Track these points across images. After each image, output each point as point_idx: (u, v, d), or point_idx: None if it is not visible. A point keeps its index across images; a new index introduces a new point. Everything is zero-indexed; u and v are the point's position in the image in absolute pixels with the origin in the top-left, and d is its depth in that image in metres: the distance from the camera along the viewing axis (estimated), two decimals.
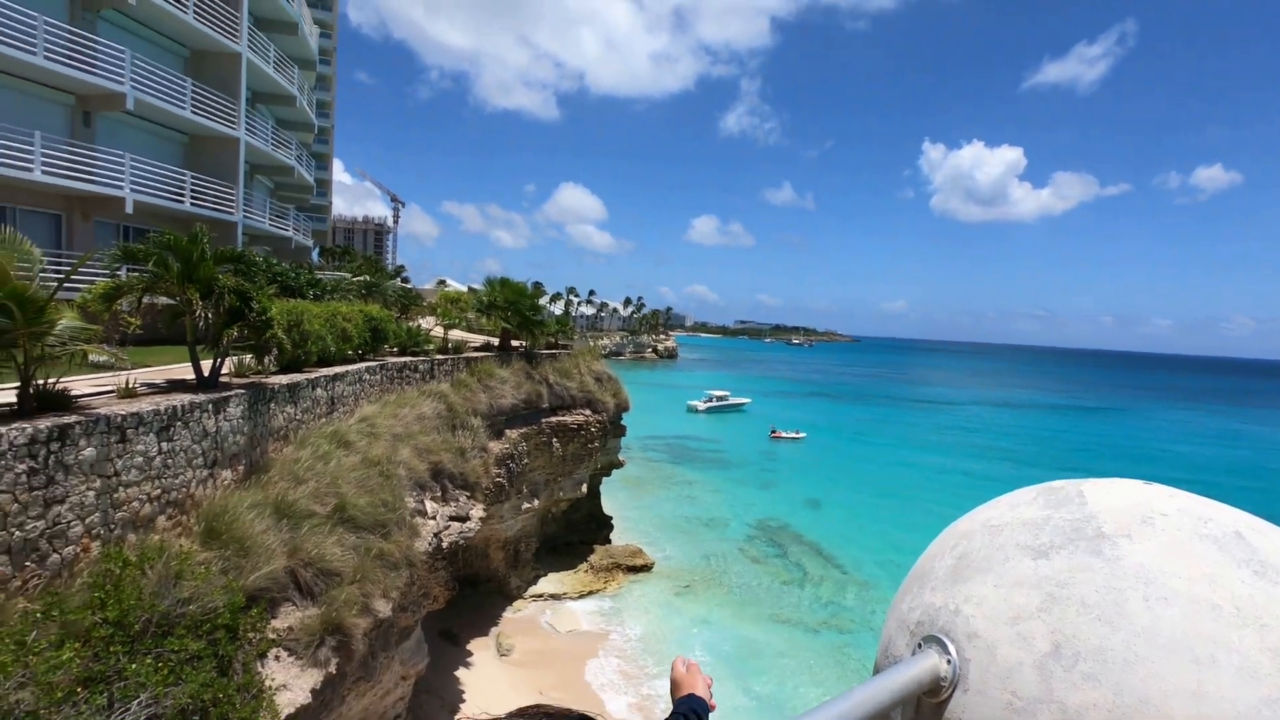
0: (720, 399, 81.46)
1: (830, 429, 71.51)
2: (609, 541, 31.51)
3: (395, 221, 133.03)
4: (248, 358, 12.67)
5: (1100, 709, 0.66)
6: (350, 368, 16.35)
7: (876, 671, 1.20)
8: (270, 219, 30.22)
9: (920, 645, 1.08)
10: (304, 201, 41.26)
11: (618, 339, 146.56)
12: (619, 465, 34.05)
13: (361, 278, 31.72)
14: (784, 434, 64.22)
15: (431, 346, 22.38)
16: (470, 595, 23.71)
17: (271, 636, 9.25)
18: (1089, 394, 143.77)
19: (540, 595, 26.06)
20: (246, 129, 26.34)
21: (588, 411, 28.11)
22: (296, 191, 37.73)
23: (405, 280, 63.78)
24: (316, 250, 51.73)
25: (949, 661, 1.02)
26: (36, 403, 7.84)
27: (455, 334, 27.17)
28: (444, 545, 15.82)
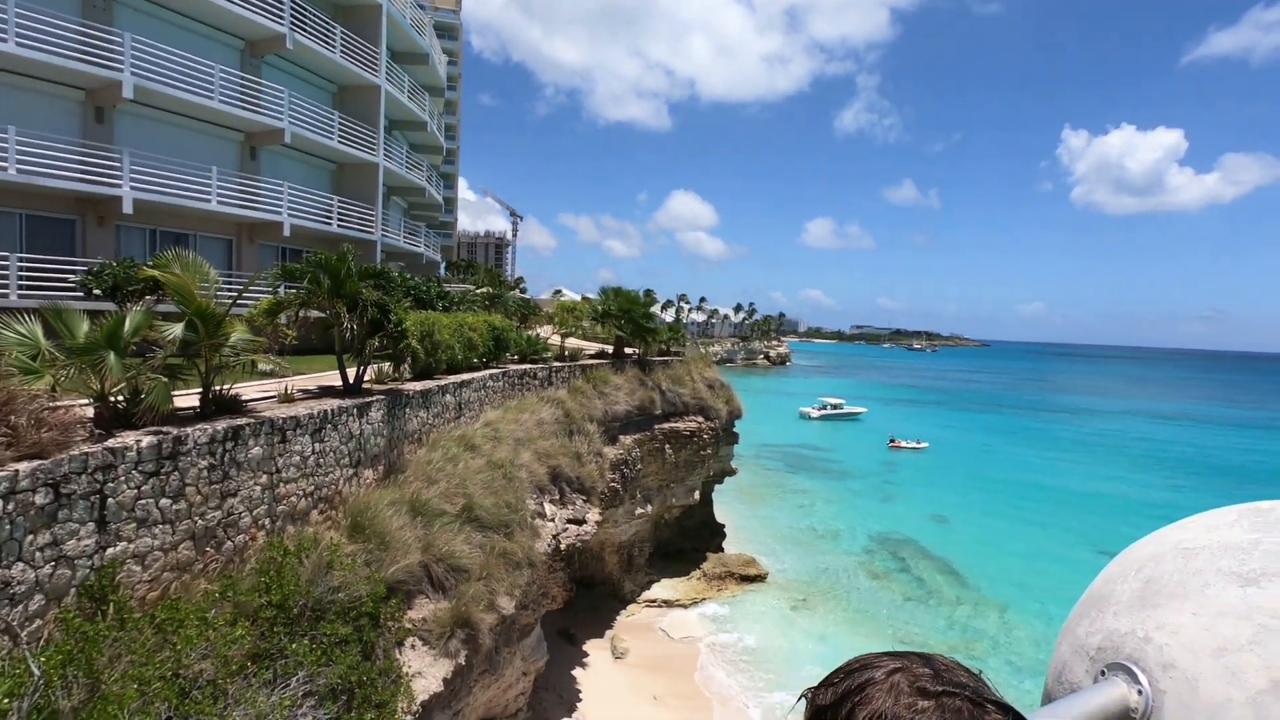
0: (835, 407, 78.85)
1: (956, 440, 67.36)
2: (721, 550, 31.27)
3: (514, 235, 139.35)
4: (386, 366, 13.68)
5: None
6: (475, 375, 17.24)
7: (1047, 698, 1.12)
8: (404, 236, 32.54)
9: (1104, 673, 1.00)
10: (433, 219, 44.12)
11: (729, 345, 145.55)
12: (731, 473, 33.75)
13: (484, 289, 33.48)
14: (904, 444, 61.20)
15: (549, 354, 23.16)
16: (586, 597, 24.27)
17: (408, 626, 9.91)
18: (1276, 405, 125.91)
19: (654, 600, 26.25)
20: (384, 154, 28.55)
21: (700, 418, 28.09)
22: (427, 210, 40.42)
23: (524, 291, 66.64)
24: (443, 264, 55.14)
25: (1140, 692, 0.94)
26: (214, 406, 8.85)
27: (571, 342, 28.02)
28: (562, 547, 16.31)
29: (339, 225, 25.78)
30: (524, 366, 20.74)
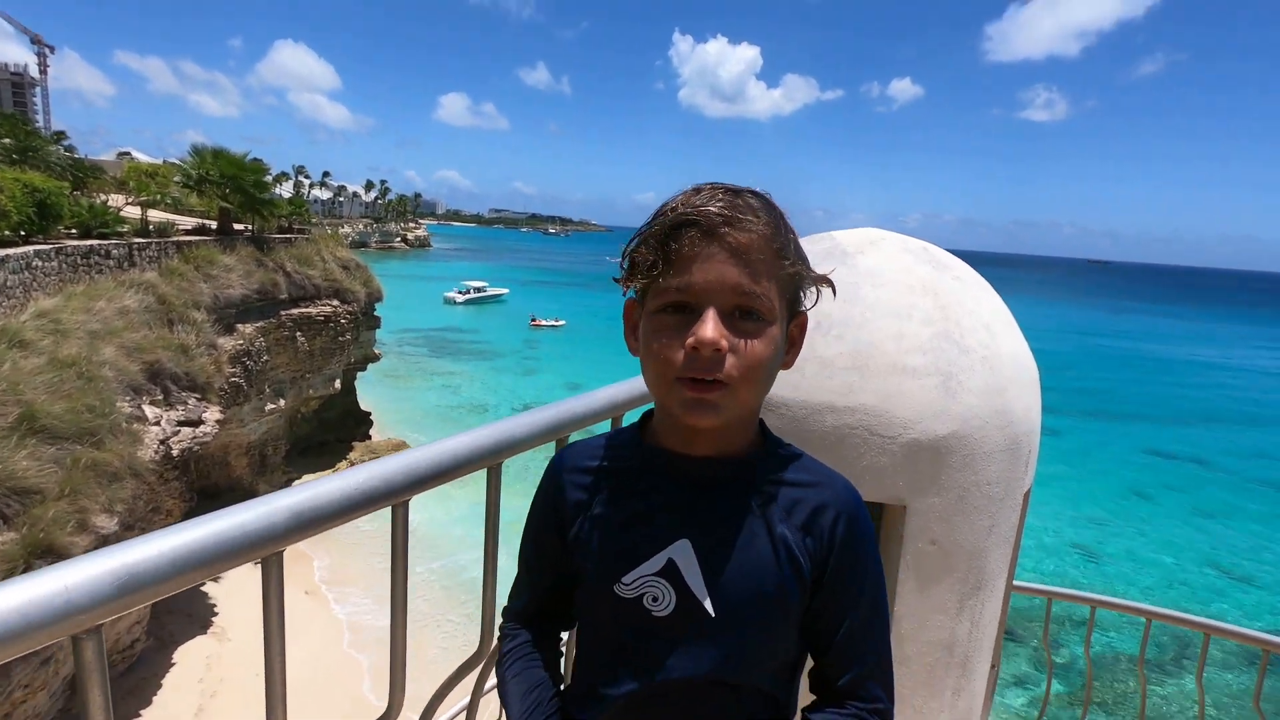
0: (478, 290, 79.78)
1: (589, 316, 74.25)
2: (369, 437, 30.26)
3: (43, 71, 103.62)
4: None
5: (845, 355, 1.00)
6: (11, 251, 13.19)
7: None
8: None
9: None
10: None
11: (361, 227, 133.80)
12: (375, 359, 32.23)
13: (5, 141, 24.74)
14: (544, 322, 65.35)
15: (126, 229, 18.71)
16: (211, 508, 21.04)
17: None
18: None
19: None
20: None
21: (335, 302, 25.90)
22: None
23: (70, 150, 50.80)
24: None
25: None
26: None
27: (155, 214, 22.95)
28: (174, 453, 14.04)
29: None
30: (90, 243, 16.45)
